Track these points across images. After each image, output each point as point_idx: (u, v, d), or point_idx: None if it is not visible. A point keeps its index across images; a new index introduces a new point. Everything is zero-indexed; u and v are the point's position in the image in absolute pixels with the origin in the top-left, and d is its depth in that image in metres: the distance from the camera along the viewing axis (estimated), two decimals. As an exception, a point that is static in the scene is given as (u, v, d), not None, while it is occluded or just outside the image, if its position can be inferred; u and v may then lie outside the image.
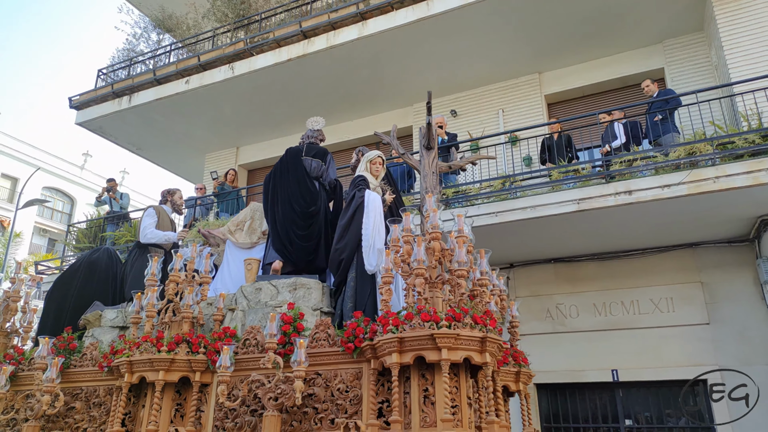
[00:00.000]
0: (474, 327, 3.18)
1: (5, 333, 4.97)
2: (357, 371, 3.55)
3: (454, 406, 3.10)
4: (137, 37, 12.81)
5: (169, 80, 10.46)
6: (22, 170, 30.03)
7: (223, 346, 3.61)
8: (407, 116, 10.48)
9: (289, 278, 4.41)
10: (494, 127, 9.45)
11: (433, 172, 5.00)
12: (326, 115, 10.81)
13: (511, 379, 4.33)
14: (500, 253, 8.16)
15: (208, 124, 11.30)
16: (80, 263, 5.80)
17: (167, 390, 3.83)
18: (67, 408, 4.29)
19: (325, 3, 10.04)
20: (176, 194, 6.11)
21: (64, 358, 4.36)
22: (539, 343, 8.10)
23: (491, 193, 7.28)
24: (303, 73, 9.66)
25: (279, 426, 3.44)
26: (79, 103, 11.34)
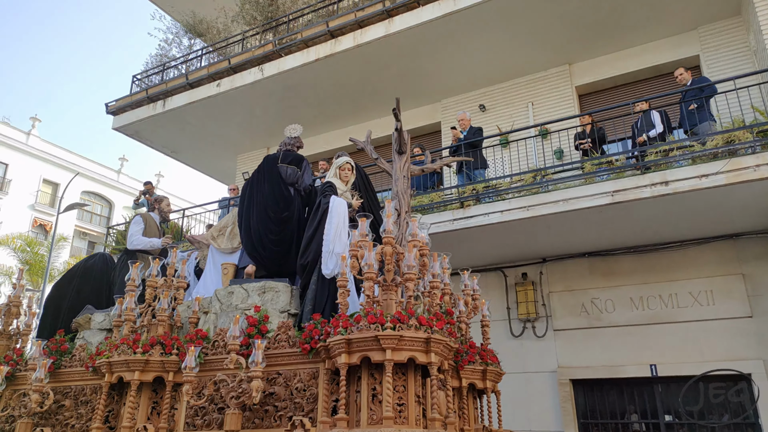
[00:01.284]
0: (419, 328, 3.28)
1: (8, 335, 5.24)
2: (314, 371, 3.71)
3: (401, 404, 3.24)
4: (169, 43, 13.13)
5: (201, 84, 10.69)
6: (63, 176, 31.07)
7: (189, 347, 3.78)
8: (435, 112, 10.46)
9: (259, 282, 4.55)
10: (524, 120, 9.35)
11: (404, 176, 5.12)
12: (354, 113, 10.94)
13: (478, 377, 4.40)
14: (532, 247, 8.10)
15: (239, 126, 11.50)
16: (77, 269, 6.08)
17: (144, 389, 4.05)
18: (58, 406, 4.52)
19: (352, 2, 10.11)
20: (164, 202, 6.39)
21: (55, 359, 4.60)
22: (574, 339, 8.01)
23: (522, 187, 7.21)
24: (331, 73, 9.74)
25: (240, 423, 3.60)
26: (115, 109, 11.68)
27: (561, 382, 7.81)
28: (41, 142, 32.01)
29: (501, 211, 7.09)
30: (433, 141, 10.43)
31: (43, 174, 31.57)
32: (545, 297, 8.36)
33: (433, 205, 7.69)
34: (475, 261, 8.71)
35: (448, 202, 7.64)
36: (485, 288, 8.74)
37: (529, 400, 7.98)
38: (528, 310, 8.28)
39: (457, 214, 7.40)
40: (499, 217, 7.09)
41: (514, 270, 8.64)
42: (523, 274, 8.51)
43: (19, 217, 29.62)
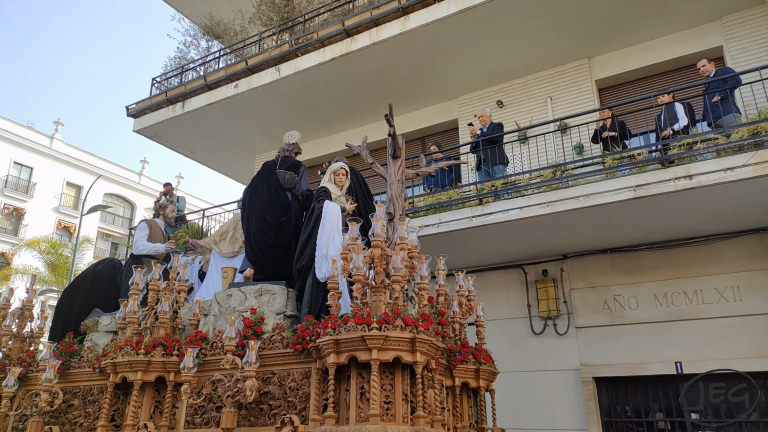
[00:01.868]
0: (405, 329, 3.38)
1: (22, 338, 5.44)
2: (306, 370, 3.82)
3: (388, 402, 3.36)
4: (188, 45, 13.25)
5: (219, 85, 10.77)
6: (85, 179, 31.66)
7: (187, 349, 3.94)
8: (452, 109, 10.40)
9: (256, 285, 4.68)
10: (542, 115, 9.24)
11: (399, 180, 5.19)
12: (370, 111, 10.92)
13: (471, 377, 4.47)
14: (553, 243, 8.01)
15: (257, 126, 11.57)
16: (86, 274, 6.27)
17: (148, 389, 4.21)
18: (68, 405, 4.71)
19: (367, 0, 10.08)
20: (168, 208, 6.65)
21: (65, 361, 4.80)
22: (597, 336, 7.90)
23: (541, 183, 7.13)
24: (347, 72, 9.74)
25: (236, 421, 3.73)
26: (135, 112, 11.84)
27: (584, 380, 7.70)
28: (64, 146, 32.65)
29: (520, 208, 7.01)
30: (451, 138, 10.37)
31: (67, 177, 32.19)
32: (566, 294, 8.26)
33: (452, 202, 7.64)
34: (494, 258, 8.65)
35: (467, 199, 7.59)
36: (505, 285, 8.70)
37: (551, 398, 7.89)
38: (549, 308, 8.18)
39: (475, 211, 7.35)
40: (518, 213, 7.02)
41: (534, 267, 8.55)
42: (544, 271, 8.41)
43: (44, 220, 30.27)
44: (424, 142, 10.90)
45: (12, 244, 27.42)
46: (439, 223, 7.52)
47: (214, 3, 12.60)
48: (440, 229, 7.52)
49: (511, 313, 8.56)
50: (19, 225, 29.24)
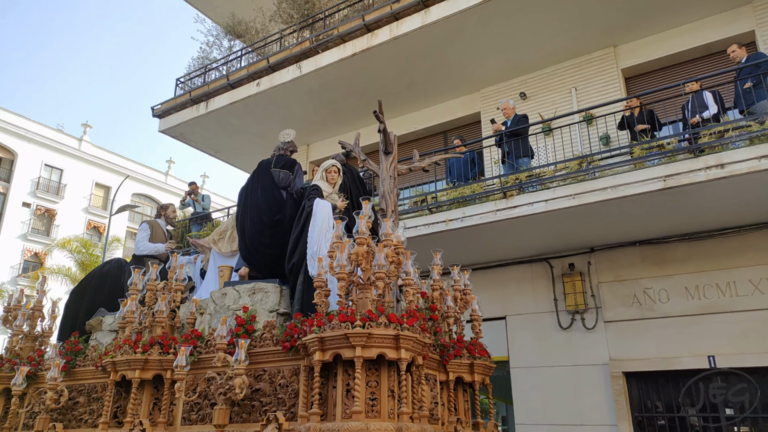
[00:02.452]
0: (389, 326, 3.38)
1: (33, 337, 5.57)
2: (295, 368, 3.83)
3: (373, 399, 3.38)
4: (210, 45, 13.39)
5: (241, 84, 10.85)
6: (113, 179, 32.33)
7: (181, 347, 3.99)
8: (474, 102, 10.30)
9: (249, 283, 4.70)
10: (567, 107, 9.08)
11: (391, 176, 5.19)
12: (392, 106, 10.87)
13: (465, 371, 4.46)
14: (579, 236, 7.88)
15: (279, 124, 11.61)
16: (93, 274, 6.40)
17: (147, 386, 4.28)
18: (74, 402, 4.80)
19: (387, -6, 10.02)
20: (169, 209, 6.74)
21: (70, 359, 4.89)
22: (626, 330, 7.76)
23: (567, 175, 7.01)
24: (368, 67, 9.71)
25: (228, 418, 3.79)
26: (160, 112, 12.01)
27: (613, 374, 7.57)
28: (93, 148, 33.37)
29: (545, 200, 6.91)
30: (473, 131, 10.27)
31: (96, 178, 32.91)
32: (594, 288, 8.12)
33: (476, 196, 7.57)
34: (519, 252, 8.55)
35: (490, 192, 7.51)
36: (531, 279, 8.60)
37: (579, 393, 7.78)
38: (576, 302, 8.06)
39: (499, 205, 7.26)
40: (543, 206, 6.92)
41: (561, 260, 8.42)
42: (570, 265, 8.29)
43: (75, 220, 31.01)
44: (446, 135, 10.83)
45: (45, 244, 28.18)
46: (463, 217, 7.46)
47: (236, 2, 12.69)
48: (464, 223, 7.46)
49: (537, 307, 8.46)
50: (51, 226, 30.03)
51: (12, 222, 28.68)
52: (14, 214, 28.86)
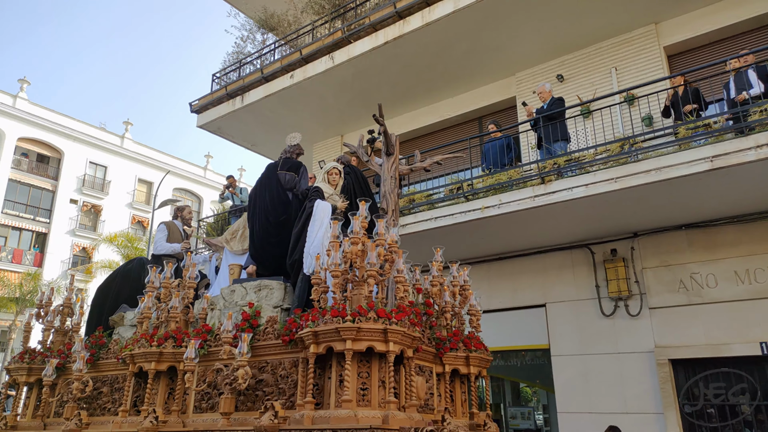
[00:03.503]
0: (377, 320, 3.58)
1: (63, 332, 5.91)
2: (295, 360, 4.06)
3: (364, 389, 3.61)
4: (244, 40, 13.54)
5: (275, 77, 10.94)
6: (155, 175, 33.25)
7: (190, 341, 4.25)
8: (510, 87, 10.10)
9: (256, 281, 4.96)
10: (606, 88, 8.80)
11: (392, 176, 5.35)
12: (425, 93, 10.79)
13: (461, 363, 4.60)
14: (622, 221, 7.68)
15: (313, 115, 11.70)
16: (117, 273, 6.78)
17: (162, 377, 4.55)
18: (98, 392, 5.14)
19: (418, -20, 9.89)
20: (185, 210, 7.08)
21: (94, 352, 5.24)
22: (672, 317, 7.54)
23: (608, 158, 6.80)
24: (400, 55, 9.63)
25: (233, 406, 4.04)
26: (198, 108, 12.24)
27: (659, 362, 7.37)
28: (134, 145, 34.34)
29: (586, 185, 6.73)
30: (509, 117, 10.09)
31: (138, 174, 33.90)
32: (638, 273, 7.90)
33: (512, 182, 7.44)
34: (558, 238, 8.39)
35: (528, 178, 7.36)
36: (571, 266, 8.43)
37: (623, 381, 7.61)
38: (619, 288, 7.86)
39: (537, 191, 7.12)
40: (584, 191, 6.75)
41: (602, 246, 8.22)
42: (613, 251, 8.08)
43: (120, 215, 32.07)
44: (481, 122, 10.67)
45: (92, 239, 29.29)
46: (500, 204, 7.35)
47: (267, -5, 12.78)
48: (501, 210, 7.36)
49: (578, 294, 8.29)
50: (98, 221, 31.15)
51: (61, 218, 29.88)
52: (63, 211, 30.05)
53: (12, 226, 28.42)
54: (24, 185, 29.19)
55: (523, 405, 10.11)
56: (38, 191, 29.82)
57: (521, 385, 10.31)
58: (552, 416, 8.78)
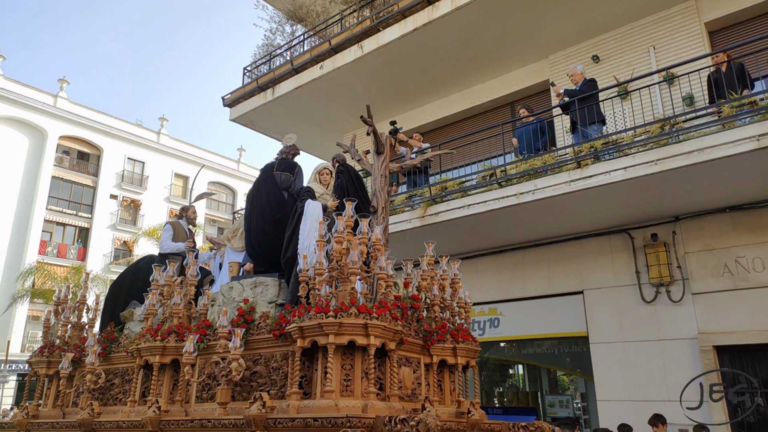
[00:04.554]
0: (358, 316, 3.78)
1: (79, 327, 6.19)
2: (285, 353, 4.26)
3: (348, 380, 3.83)
4: (273, 32, 13.61)
5: (305, 68, 10.97)
6: (190, 169, 33.93)
7: (188, 335, 4.51)
8: (543, 70, 9.88)
9: (252, 278, 5.15)
10: (645, 67, 8.52)
11: (382, 174, 5.52)
12: (456, 80, 10.66)
13: (448, 354, 4.73)
14: (662, 205, 7.46)
15: (343, 105, 11.70)
16: (129, 271, 7.08)
17: (167, 369, 4.80)
18: (110, 383, 5.43)
19: (447, -36, 9.73)
20: (189, 210, 7.28)
21: (106, 347, 5.52)
22: (717, 302, 7.31)
23: (648, 139, 6.60)
24: (430, 41, 9.53)
25: (229, 396, 4.26)
26: (231, 101, 12.40)
27: (703, 349, 7.16)
28: (170, 140, 35.08)
29: (624, 168, 6.55)
30: (542, 101, 9.89)
31: (174, 168, 34.64)
32: (680, 258, 7.67)
33: (547, 167, 7.29)
34: (596, 223, 8.21)
35: (563, 162, 7.21)
36: (609, 252, 8.24)
37: (666, 368, 7.43)
38: (661, 274, 7.64)
39: (573, 175, 6.97)
40: (622, 174, 6.56)
41: (642, 231, 8.00)
42: (653, 235, 7.85)
43: (158, 209, 32.90)
44: (513, 107, 10.49)
45: (132, 233, 30.13)
46: (535, 190, 7.23)
47: (295, -14, 12.79)
48: (535, 196, 7.23)
49: (617, 280, 8.11)
50: (137, 215, 32.01)
51: (102, 213, 30.82)
52: (104, 206, 30.99)
53: (56, 221, 29.48)
54: (66, 182, 30.20)
55: (561, 393, 9.99)
56: (80, 188, 30.81)
57: (558, 374, 10.17)
58: (591, 404, 8.65)
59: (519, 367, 10.59)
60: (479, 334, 9.56)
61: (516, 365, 10.67)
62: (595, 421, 8.28)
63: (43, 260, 26.51)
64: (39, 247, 28.10)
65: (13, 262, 26.76)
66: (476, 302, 9.56)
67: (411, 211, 8.42)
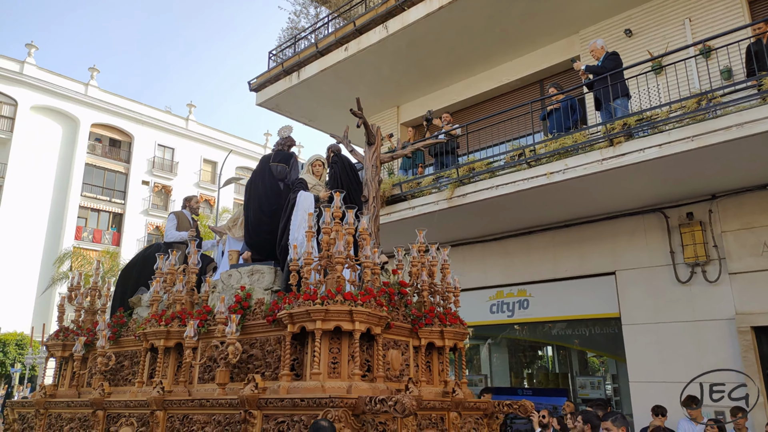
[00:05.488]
0: (344, 303, 4.02)
1: (93, 311, 6.51)
2: (278, 337, 4.50)
3: (335, 362, 4.09)
4: (298, 14, 13.53)
5: (330, 50, 10.91)
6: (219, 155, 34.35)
7: (189, 321, 4.78)
8: (572, 46, 9.62)
9: (249, 266, 5.40)
10: (680, 40, 8.21)
11: (373, 165, 5.68)
12: (483, 59, 10.47)
13: (436, 337, 4.94)
14: (698, 182, 7.25)
15: (368, 87, 11.63)
16: (138, 258, 7.35)
17: (172, 352, 5.08)
18: (121, 365, 5.77)
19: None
20: (192, 200, 7.50)
21: (116, 331, 5.83)
22: (756, 282, 7.12)
23: (684, 115, 6.38)
24: (456, 20, 9.35)
25: (228, 377, 4.52)
26: (257, 86, 12.44)
27: (741, 329, 6.98)
28: (198, 126, 35.54)
29: (659, 145, 6.36)
30: (572, 78, 9.61)
31: (203, 154, 35.13)
32: (717, 237, 7.46)
33: (578, 146, 7.13)
34: (628, 203, 8.03)
35: (595, 141, 7.04)
36: (643, 231, 8.06)
37: (700, 350, 7.28)
38: (696, 253, 7.45)
39: (605, 153, 6.80)
40: (657, 151, 6.38)
41: (677, 210, 7.80)
42: (689, 214, 7.64)
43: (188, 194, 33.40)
44: (542, 85, 10.27)
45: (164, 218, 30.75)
46: (565, 169, 7.08)
47: (319, -32, 12.68)
48: (566, 175, 7.09)
49: (651, 260, 7.94)
50: (168, 200, 32.65)
51: (135, 199, 31.55)
52: (136, 192, 31.70)
53: (91, 208, 30.30)
54: (99, 169, 30.94)
55: (591, 375, 9.90)
56: (112, 174, 31.54)
57: (588, 355, 10.08)
58: (622, 386, 8.56)
59: (548, 348, 10.53)
60: (508, 315, 9.52)
61: (545, 346, 10.60)
62: (626, 403, 8.19)
63: (79, 245, 27.34)
64: (75, 233, 28.96)
65: (51, 247, 27.66)
66: (505, 283, 9.59)
67: (438, 193, 8.36)
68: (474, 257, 9.93)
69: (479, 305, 9.79)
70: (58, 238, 28.15)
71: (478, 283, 9.79)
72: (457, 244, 10.17)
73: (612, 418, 4.01)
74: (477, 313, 9.84)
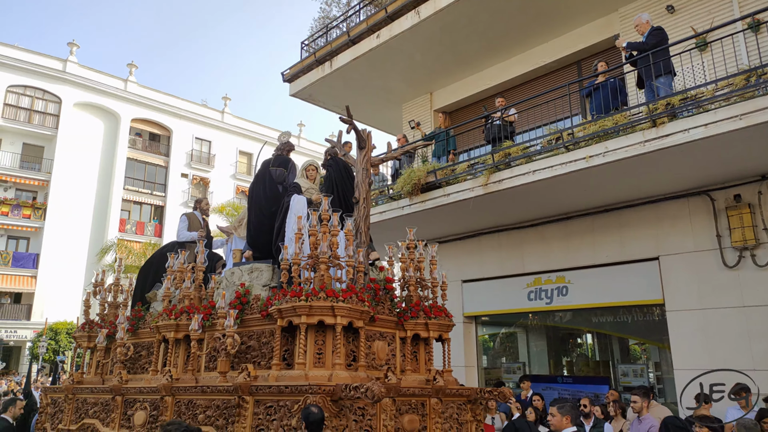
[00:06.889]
0: (326, 299, 4.42)
1: (115, 305, 7.03)
2: (272, 330, 4.89)
3: (320, 354, 4.50)
4: (329, 3, 13.53)
5: (361, 38, 10.87)
6: (254, 146, 34.85)
7: (194, 315, 5.26)
8: (612, 24, 9.31)
9: (249, 264, 5.86)
10: (726, 15, 7.84)
11: (363, 168, 5.95)
12: (517, 40, 10.25)
13: (421, 329, 5.29)
14: (747, 163, 6.96)
15: (401, 75, 11.55)
16: (156, 255, 7.85)
17: (182, 343, 5.57)
18: (139, 355, 6.31)
19: None
20: (203, 202, 7.96)
21: (134, 323, 6.40)
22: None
23: (731, 93, 6.11)
24: (489, 1, 9.16)
25: (229, 366, 4.98)
26: (290, 77, 12.52)
27: (793, 316, 6.70)
28: (234, 119, 36.10)
29: (705, 125, 6.11)
30: (613, 58, 9.32)
31: (239, 146, 35.69)
32: (766, 220, 7.14)
33: (619, 128, 6.92)
34: (672, 186, 7.77)
35: (637, 122, 6.82)
36: (688, 215, 7.80)
37: (750, 336, 7.03)
38: (745, 237, 7.17)
39: (648, 135, 6.58)
40: (702, 132, 6.13)
41: (724, 192, 7.50)
42: (736, 196, 7.35)
43: (225, 186, 34.14)
44: (580, 66, 10.00)
45: (203, 209, 31.47)
46: (606, 152, 6.90)
47: (349, -45, 12.61)
48: (606, 158, 6.90)
49: (696, 245, 7.68)
50: (206, 192, 33.35)
51: (174, 191, 32.35)
52: (175, 185, 32.50)
53: (133, 201, 31.24)
54: (140, 163, 31.82)
55: (632, 362, 9.69)
56: (153, 168, 32.40)
57: (630, 342, 9.86)
58: (665, 373, 8.34)
59: (588, 336, 10.35)
60: (546, 302, 9.38)
61: (585, 334, 10.42)
62: (670, 391, 8.00)
63: (123, 237, 28.25)
64: (119, 225, 29.94)
65: (96, 240, 28.69)
66: (543, 270, 9.44)
67: (473, 179, 8.27)
68: (511, 244, 9.81)
69: (517, 292, 9.68)
70: (103, 231, 29.17)
71: (515, 270, 9.68)
72: (493, 230, 10.07)
73: (558, 405, 4.07)
74: (514, 300, 9.74)
